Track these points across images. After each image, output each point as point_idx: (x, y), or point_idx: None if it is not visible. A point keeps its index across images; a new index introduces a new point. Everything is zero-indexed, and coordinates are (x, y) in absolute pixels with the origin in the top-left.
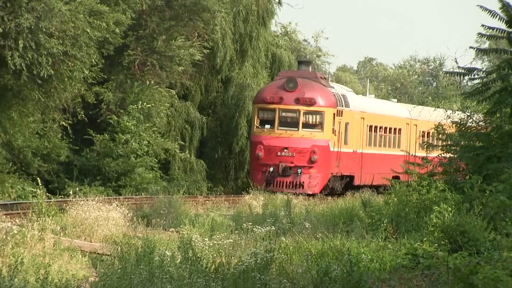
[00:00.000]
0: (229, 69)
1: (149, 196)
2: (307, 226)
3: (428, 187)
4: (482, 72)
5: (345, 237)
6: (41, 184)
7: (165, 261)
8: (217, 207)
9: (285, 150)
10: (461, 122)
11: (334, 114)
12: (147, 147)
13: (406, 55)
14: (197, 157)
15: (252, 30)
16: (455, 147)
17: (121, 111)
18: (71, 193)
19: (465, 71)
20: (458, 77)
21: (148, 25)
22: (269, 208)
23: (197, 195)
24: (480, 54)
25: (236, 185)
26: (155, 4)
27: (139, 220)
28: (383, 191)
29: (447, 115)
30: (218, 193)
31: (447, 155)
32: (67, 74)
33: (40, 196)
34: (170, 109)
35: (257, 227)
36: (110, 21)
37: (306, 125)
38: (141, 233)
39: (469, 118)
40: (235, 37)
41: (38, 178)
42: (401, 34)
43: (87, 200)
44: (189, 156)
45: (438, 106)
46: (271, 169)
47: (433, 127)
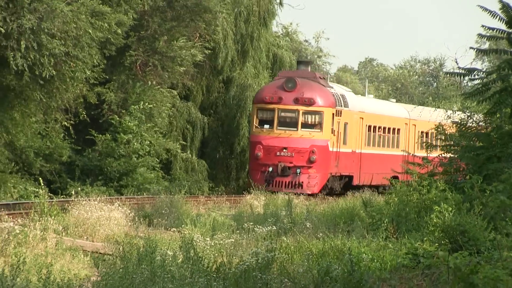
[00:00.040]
0: (230, 70)
1: (150, 196)
2: (308, 226)
3: (428, 187)
4: (482, 72)
5: (346, 237)
6: (43, 184)
7: (166, 261)
8: (219, 207)
9: (284, 150)
10: (461, 122)
11: (333, 114)
12: (149, 147)
13: (406, 56)
14: (198, 157)
15: (253, 30)
16: (456, 147)
17: (123, 111)
18: (73, 193)
19: (465, 72)
20: (458, 77)
21: (149, 26)
22: (270, 208)
23: (198, 195)
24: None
25: (237, 185)
26: (156, 4)
27: (141, 220)
28: (383, 191)
29: (448, 116)
30: (219, 193)
31: (448, 155)
32: (69, 74)
33: (42, 196)
34: (171, 109)
35: (258, 227)
36: (112, 22)
37: (305, 125)
38: (142, 232)
39: (469, 118)
40: (236, 37)
41: (40, 178)
42: (402, 34)
43: (89, 200)
44: (190, 156)
45: (438, 106)
46: (270, 169)
47: (432, 127)
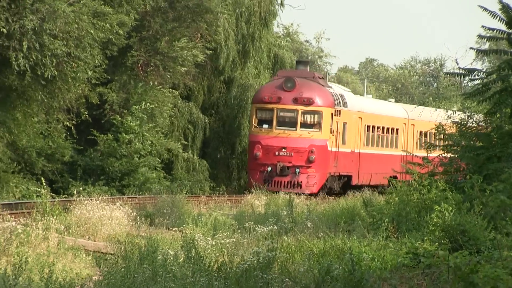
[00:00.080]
0: (231, 70)
1: (152, 195)
2: (309, 225)
3: (429, 187)
4: (482, 73)
5: (346, 236)
6: (45, 183)
7: (168, 260)
8: (220, 206)
9: (283, 149)
10: (462, 122)
11: (332, 114)
12: (151, 147)
13: (407, 56)
14: (199, 157)
15: (254, 31)
16: (456, 147)
17: (125, 111)
18: (75, 192)
19: (465, 72)
20: (458, 77)
21: (151, 26)
22: (271, 207)
23: (199, 194)
24: (480, 55)
25: (238, 184)
26: (158, 5)
27: (143, 219)
28: (382, 190)
29: (448, 116)
30: (220, 193)
31: (448, 155)
32: (71, 75)
33: (44, 195)
34: (173, 109)
35: (259, 226)
36: (113, 22)
37: (304, 125)
38: (144, 232)
39: (469, 118)
40: (237, 38)
41: (42, 178)
42: (402, 35)
43: (91, 199)
44: (192, 156)
45: (438, 106)
46: (269, 168)
47: (431, 127)
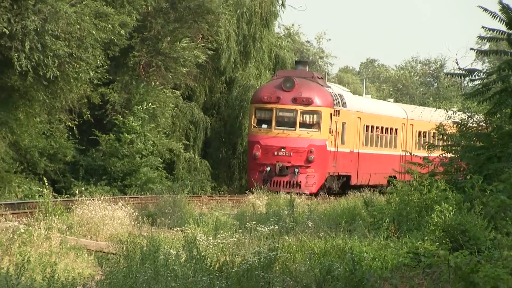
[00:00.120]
0: (233, 70)
1: (154, 195)
2: (310, 225)
3: (429, 187)
4: (482, 73)
5: (347, 236)
6: (47, 183)
7: (170, 260)
8: (221, 206)
9: (282, 149)
10: (462, 122)
11: (331, 113)
12: (152, 147)
13: (407, 57)
14: (201, 157)
15: (255, 32)
16: (456, 147)
17: (127, 111)
18: (77, 192)
19: (465, 72)
20: (459, 78)
21: (153, 27)
22: (273, 207)
23: (201, 194)
24: (480, 55)
25: (240, 184)
26: (160, 6)
27: (144, 219)
28: (383, 190)
29: (448, 116)
30: (222, 193)
31: (448, 155)
32: (73, 75)
33: (46, 195)
34: (174, 109)
35: (260, 226)
36: (115, 23)
37: (303, 125)
38: (146, 232)
39: (469, 118)
40: (238, 38)
41: (44, 177)
42: (403, 35)
43: (93, 199)
44: (193, 156)
45: (439, 106)
46: (268, 168)
47: (430, 127)
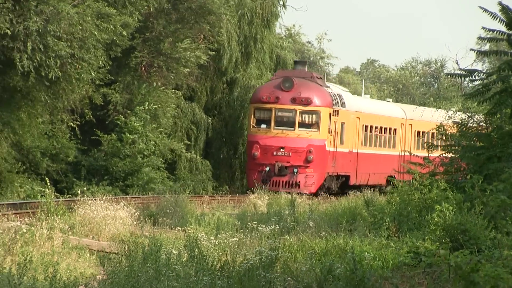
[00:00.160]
0: (234, 71)
1: (155, 195)
2: (311, 225)
3: (429, 187)
4: (482, 73)
5: (348, 236)
6: (49, 183)
7: (171, 260)
8: (223, 206)
9: (281, 149)
10: (462, 122)
11: (330, 113)
12: (154, 147)
13: (408, 57)
14: (202, 157)
15: (256, 32)
16: (456, 147)
17: (128, 112)
18: (79, 192)
19: (466, 73)
20: (459, 78)
21: (154, 28)
22: (274, 207)
23: (202, 194)
24: (480, 56)
25: (241, 184)
26: (161, 7)
27: (146, 219)
28: (385, 190)
29: (448, 116)
30: (223, 193)
31: (449, 155)
32: (75, 76)
33: (48, 195)
34: (176, 110)
35: (261, 226)
36: (117, 24)
37: (302, 125)
38: (148, 232)
39: (470, 118)
40: (240, 39)
41: (46, 178)
42: (403, 36)
43: (95, 199)
44: (195, 156)
45: (439, 107)
46: (267, 168)
47: (429, 127)
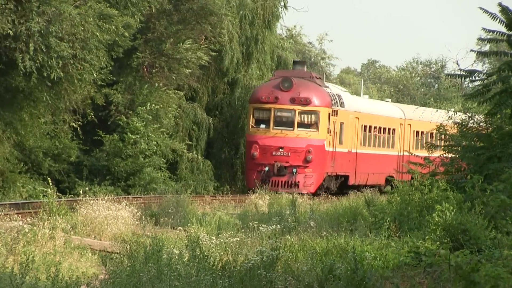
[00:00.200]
0: (235, 71)
1: (157, 195)
2: (312, 224)
3: (430, 187)
4: (482, 74)
5: (349, 236)
6: (51, 183)
7: (173, 259)
8: (224, 206)
9: (281, 149)
10: (463, 123)
11: (329, 113)
12: (156, 148)
13: (408, 58)
14: (204, 157)
15: (258, 33)
16: (457, 147)
17: (130, 112)
18: (81, 192)
19: (466, 73)
20: (459, 79)
21: (156, 28)
22: (275, 207)
23: (204, 194)
24: (480, 56)
25: (242, 184)
26: (163, 8)
27: (148, 219)
28: (385, 190)
29: (449, 116)
30: (224, 193)
31: (449, 155)
32: (76, 76)
33: (50, 195)
34: (178, 110)
35: (263, 225)
36: (119, 25)
37: (301, 125)
38: (149, 231)
39: (470, 119)
40: (241, 40)
41: (49, 178)
42: (404, 37)
43: (97, 199)
44: (196, 156)
45: (439, 107)
46: (267, 168)
47: (428, 127)
